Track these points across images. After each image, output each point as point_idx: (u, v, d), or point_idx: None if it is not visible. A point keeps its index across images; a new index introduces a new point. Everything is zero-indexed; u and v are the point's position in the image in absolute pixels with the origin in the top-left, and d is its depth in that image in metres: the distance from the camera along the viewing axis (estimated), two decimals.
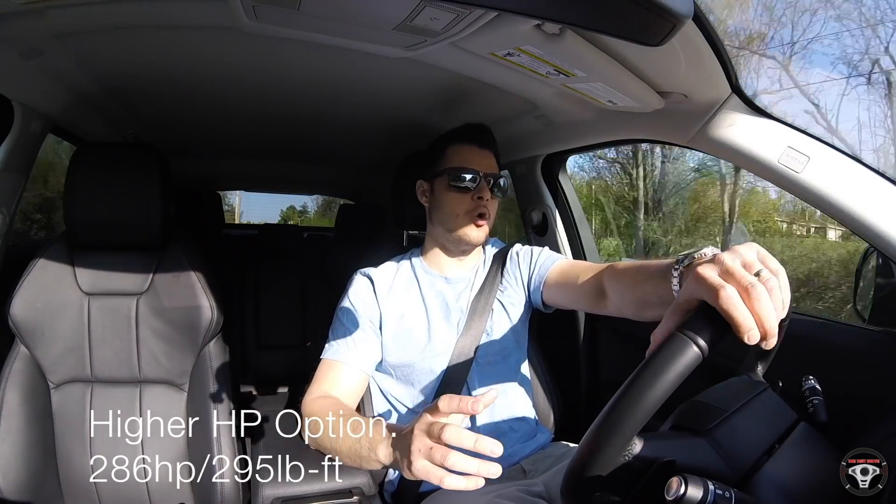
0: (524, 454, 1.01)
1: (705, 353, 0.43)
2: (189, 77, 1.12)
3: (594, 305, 0.87)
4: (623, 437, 0.43)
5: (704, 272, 0.46)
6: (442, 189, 1.01)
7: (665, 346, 0.43)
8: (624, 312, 0.80)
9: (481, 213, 0.98)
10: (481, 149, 1.02)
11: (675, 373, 0.42)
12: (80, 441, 1.05)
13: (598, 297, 0.85)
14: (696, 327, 0.43)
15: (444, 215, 1.01)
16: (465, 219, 0.99)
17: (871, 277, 0.85)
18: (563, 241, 1.43)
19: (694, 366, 0.42)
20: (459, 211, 0.99)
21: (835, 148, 0.76)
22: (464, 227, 0.99)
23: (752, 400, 0.59)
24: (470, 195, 0.99)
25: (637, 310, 0.76)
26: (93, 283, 1.07)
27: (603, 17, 0.54)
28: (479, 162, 1.00)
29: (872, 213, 0.73)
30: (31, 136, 1.03)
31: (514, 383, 1.05)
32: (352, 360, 0.94)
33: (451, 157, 1.01)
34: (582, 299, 0.91)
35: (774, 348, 0.66)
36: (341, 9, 0.72)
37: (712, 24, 0.63)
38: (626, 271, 0.79)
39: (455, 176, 0.99)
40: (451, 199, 1.00)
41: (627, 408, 0.42)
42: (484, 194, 0.98)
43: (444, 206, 1.01)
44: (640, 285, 0.73)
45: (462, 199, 0.99)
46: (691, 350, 0.42)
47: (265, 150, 2.00)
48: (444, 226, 1.02)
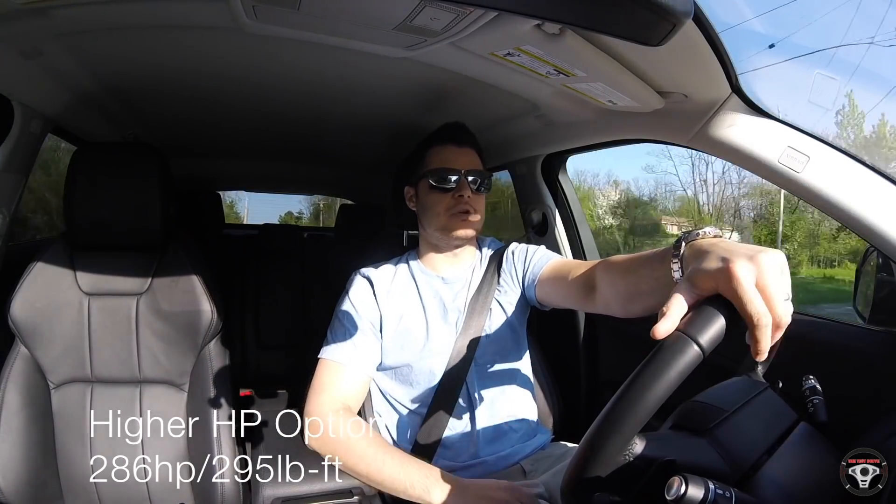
0: (524, 454, 1.01)
1: (706, 353, 0.42)
2: (189, 77, 1.12)
3: (583, 300, 0.86)
4: (624, 436, 0.43)
5: (743, 272, 0.43)
6: (425, 191, 1.02)
7: (666, 345, 0.43)
8: (611, 307, 0.79)
9: (465, 209, 0.99)
10: (461, 147, 1.03)
11: (675, 372, 0.42)
12: (80, 441, 1.05)
13: (588, 290, 0.84)
14: (696, 327, 0.43)
15: (430, 216, 1.02)
16: (449, 216, 0.99)
17: (871, 277, 0.85)
18: (562, 240, 1.43)
19: (694, 365, 0.42)
20: (441, 210, 1.00)
21: (835, 147, 0.76)
22: (450, 224, 1.00)
23: (752, 400, 0.59)
24: (451, 194, 0.99)
25: (626, 302, 0.75)
26: (93, 284, 1.07)
27: (603, 17, 0.54)
28: (458, 160, 1.01)
29: (872, 212, 0.73)
30: (31, 136, 1.03)
31: (514, 383, 1.05)
32: (354, 362, 0.94)
33: (430, 159, 1.02)
34: (571, 294, 0.90)
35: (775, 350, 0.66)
36: (341, 9, 0.72)
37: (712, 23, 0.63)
38: (619, 262, 0.78)
39: (435, 177, 1.00)
40: (434, 200, 1.00)
41: (628, 407, 0.42)
42: (464, 192, 0.99)
43: (428, 208, 1.02)
44: (633, 271, 0.71)
45: (444, 198, 1.00)
46: (692, 350, 0.42)
47: (265, 150, 2.00)
48: (432, 226, 1.02)
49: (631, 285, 0.72)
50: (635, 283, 0.70)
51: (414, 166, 1.06)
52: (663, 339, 0.44)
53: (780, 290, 0.44)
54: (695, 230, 0.55)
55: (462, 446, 0.98)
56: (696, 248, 0.52)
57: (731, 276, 0.43)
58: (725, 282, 0.44)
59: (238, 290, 2.17)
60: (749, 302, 0.43)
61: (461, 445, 0.98)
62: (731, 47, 0.67)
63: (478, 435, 0.98)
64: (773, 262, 0.45)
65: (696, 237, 0.54)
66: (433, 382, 0.98)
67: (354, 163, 2.15)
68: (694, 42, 0.66)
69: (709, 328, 0.43)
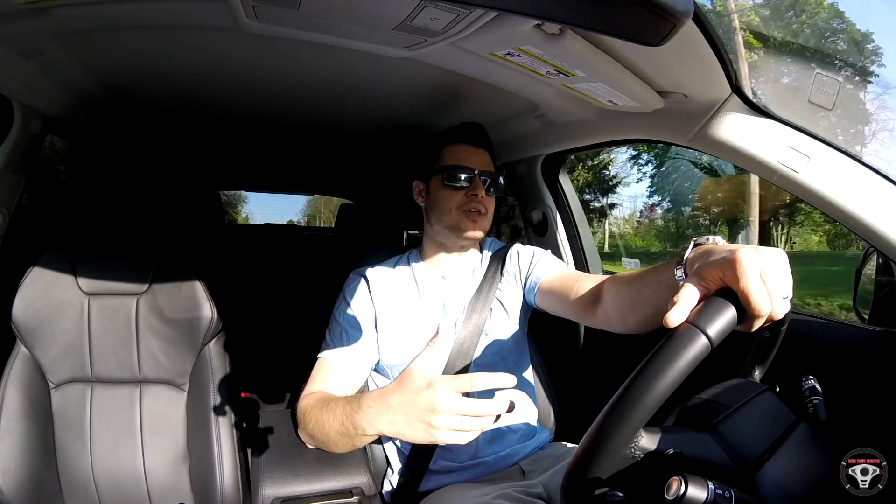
0: (523, 454, 1.01)
1: (714, 344, 0.43)
2: (189, 77, 1.12)
3: (584, 312, 0.85)
4: (632, 425, 0.43)
5: (748, 260, 0.44)
6: (437, 187, 1.02)
7: (675, 336, 0.43)
8: (611, 318, 0.79)
9: (477, 208, 0.99)
10: (476, 147, 1.03)
11: (684, 362, 0.42)
12: (80, 441, 1.05)
13: (592, 302, 0.83)
14: (705, 319, 0.43)
15: (440, 212, 1.02)
16: (460, 213, 1.00)
17: (871, 277, 0.85)
18: (562, 240, 1.43)
19: (703, 357, 0.42)
20: (453, 206, 1.00)
21: (835, 147, 0.76)
22: (460, 221, 1.00)
23: (753, 398, 0.59)
24: (464, 192, 1.00)
25: (625, 311, 0.75)
26: (93, 284, 1.07)
27: (603, 17, 0.54)
28: (473, 160, 1.01)
29: (872, 213, 0.73)
30: (31, 136, 1.03)
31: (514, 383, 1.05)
32: (345, 358, 0.95)
33: (445, 156, 1.03)
34: (574, 306, 0.88)
35: (772, 352, 0.66)
36: (341, 9, 0.72)
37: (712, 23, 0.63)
38: (625, 274, 0.79)
39: (450, 174, 1.00)
40: (446, 196, 1.01)
41: (637, 397, 0.42)
42: (478, 191, 0.99)
43: (439, 204, 1.02)
44: (638, 279, 0.72)
45: (457, 195, 1.00)
46: (700, 341, 0.42)
47: (265, 150, 2.00)
48: (441, 222, 1.02)
49: (633, 292, 0.72)
50: (638, 290, 0.71)
51: (427, 161, 1.06)
52: (673, 330, 0.44)
53: (780, 284, 0.45)
54: (703, 237, 0.57)
55: (463, 447, 0.97)
56: (701, 250, 0.53)
57: (736, 263, 0.44)
58: (731, 270, 0.45)
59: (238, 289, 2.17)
60: (752, 290, 0.43)
61: (462, 446, 0.97)
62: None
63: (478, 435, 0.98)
64: (777, 257, 0.46)
65: (704, 242, 0.56)
66: None
67: (354, 163, 2.15)
68: (694, 42, 0.66)
69: (717, 320, 0.43)
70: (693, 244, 0.56)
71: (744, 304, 0.44)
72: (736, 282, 0.44)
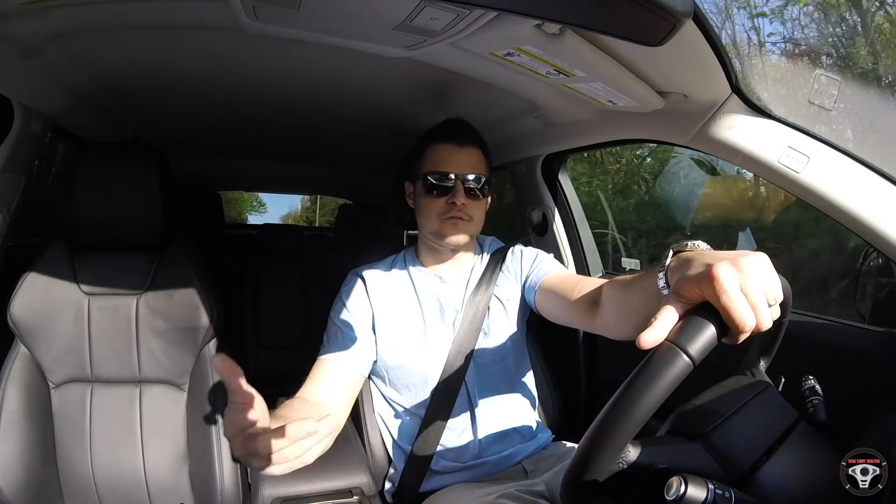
0: (525, 454, 1.01)
1: (696, 362, 0.42)
2: (189, 77, 1.12)
3: (584, 317, 0.84)
4: (616, 445, 0.43)
5: (725, 276, 0.42)
6: (420, 192, 0.99)
7: (655, 356, 0.43)
8: (608, 324, 0.78)
9: (458, 216, 0.95)
10: (461, 147, 0.98)
11: (665, 383, 0.41)
12: (80, 441, 1.06)
13: (591, 307, 0.82)
14: (685, 337, 0.42)
15: (423, 218, 1.00)
16: (440, 221, 0.97)
17: (871, 277, 0.85)
18: (562, 240, 1.43)
19: (684, 375, 0.42)
20: (433, 214, 0.97)
21: (835, 147, 0.76)
22: (441, 229, 0.97)
23: (751, 401, 0.59)
24: (444, 200, 0.96)
25: (618, 317, 0.74)
26: (93, 284, 1.07)
27: (603, 17, 0.54)
28: (455, 162, 0.96)
29: (872, 213, 0.73)
30: (31, 136, 1.03)
31: (514, 383, 1.05)
32: (341, 359, 0.94)
33: (427, 158, 0.99)
34: (573, 307, 0.87)
35: (776, 343, 0.66)
36: (341, 9, 0.72)
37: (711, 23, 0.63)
38: (621, 278, 0.77)
39: (429, 180, 0.96)
40: (427, 204, 0.98)
41: (619, 418, 0.42)
42: (458, 199, 0.95)
43: (421, 210, 1.00)
44: (629, 285, 0.71)
45: (436, 203, 0.96)
46: (681, 360, 0.42)
47: (265, 150, 2.00)
48: (425, 229, 1.01)
49: (625, 298, 0.71)
50: (628, 297, 0.70)
51: (413, 163, 1.03)
52: (653, 350, 0.43)
53: (762, 295, 0.43)
54: (683, 242, 0.55)
55: (464, 447, 0.98)
56: (681, 259, 0.51)
57: (713, 280, 0.42)
58: (709, 287, 0.43)
59: (238, 289, 2.17)
60: (733, 307, 0.42)
61: (464, 446, 0.98)
62: None
63: (480, 435, 0.98)
64: (755, 265, 0.44)
65: (684, 248, 0.54)
66: (431, 382, 0.98)
67: (354, 163, 2.15)
68: (694, 42, 0.66)
69: (698, 338, 0.42)
70: (672, 252, 0.54)
71: (726, 320, 0.42)
72: (716, 299, 0.42)
